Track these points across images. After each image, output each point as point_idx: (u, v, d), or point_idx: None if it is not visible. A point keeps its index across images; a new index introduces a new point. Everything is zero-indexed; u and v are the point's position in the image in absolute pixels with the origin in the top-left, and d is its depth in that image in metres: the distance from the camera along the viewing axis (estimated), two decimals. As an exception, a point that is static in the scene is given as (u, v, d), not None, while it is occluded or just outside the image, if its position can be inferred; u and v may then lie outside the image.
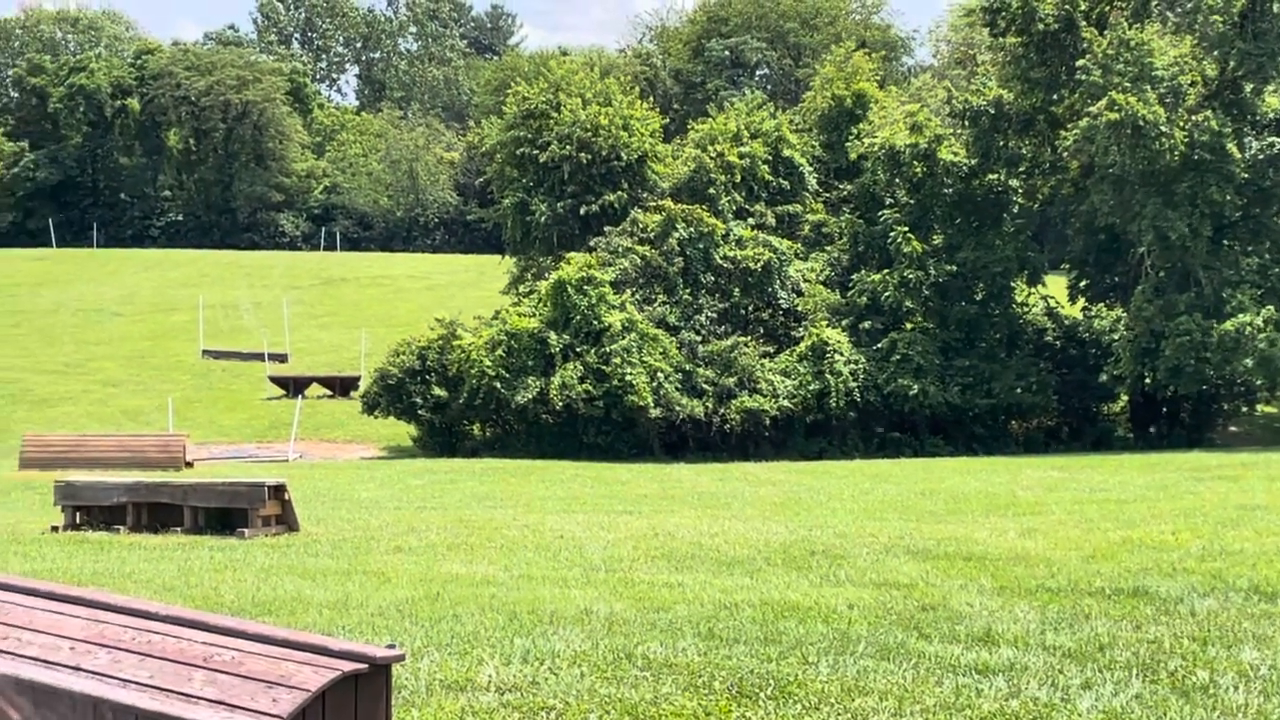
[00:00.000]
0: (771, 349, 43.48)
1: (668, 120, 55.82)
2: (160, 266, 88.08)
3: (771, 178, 46.95)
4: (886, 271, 43.91)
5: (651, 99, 56.77)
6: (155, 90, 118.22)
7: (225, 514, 18.68)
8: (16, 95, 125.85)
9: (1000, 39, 46.14)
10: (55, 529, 18.98)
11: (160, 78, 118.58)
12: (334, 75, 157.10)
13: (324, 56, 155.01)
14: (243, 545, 17.13)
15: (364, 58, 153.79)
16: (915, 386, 41.73)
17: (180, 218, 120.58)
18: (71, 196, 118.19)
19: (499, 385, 40.83)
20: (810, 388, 41.73)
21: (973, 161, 44.36)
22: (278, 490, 18.63)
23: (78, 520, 19.21)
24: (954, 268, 43.68)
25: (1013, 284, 45.15)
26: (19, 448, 35.99)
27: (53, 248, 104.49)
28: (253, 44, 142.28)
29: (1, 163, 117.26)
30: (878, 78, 54.58)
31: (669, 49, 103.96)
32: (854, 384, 41.94)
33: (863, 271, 44.52)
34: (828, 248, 46.68)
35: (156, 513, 19.10)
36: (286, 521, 18.63)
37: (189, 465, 33.82)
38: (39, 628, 6.88)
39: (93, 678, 6.38)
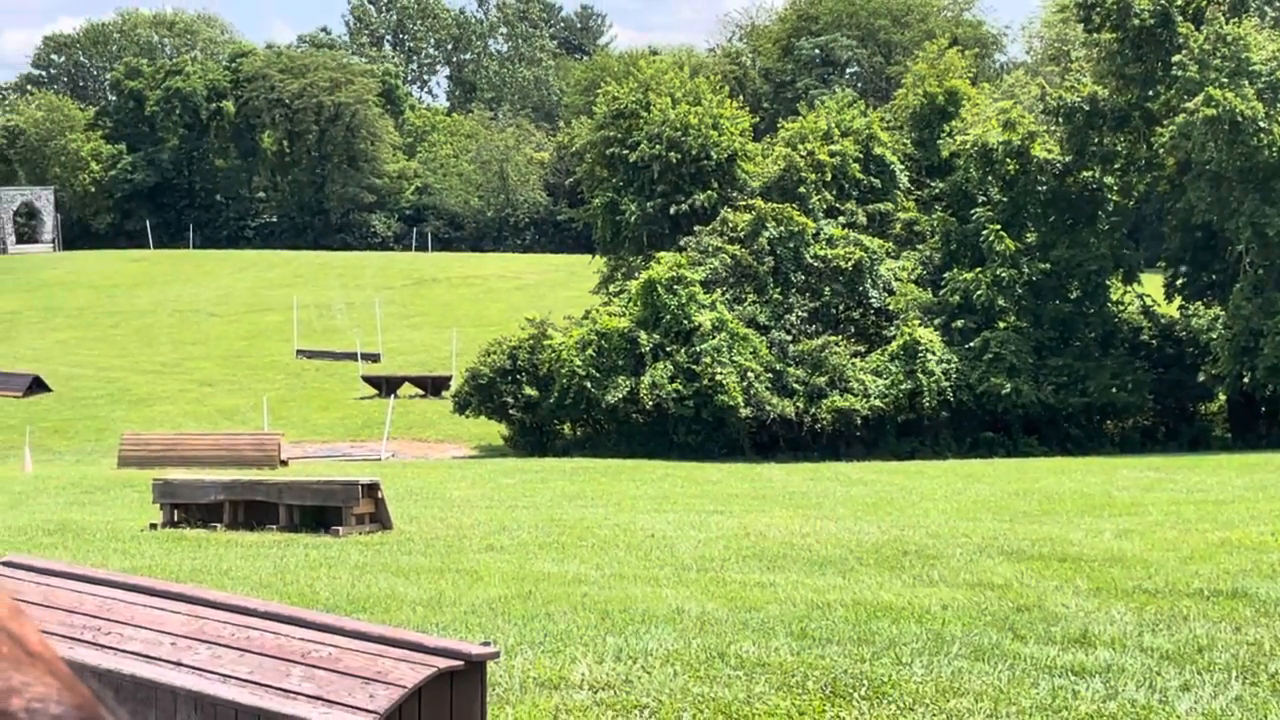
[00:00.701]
0: (863, 348, 43.27)
1: (757, 119, 55.70)
2: (255, 267, 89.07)
3: (862, 176, 46.72)
4: (979, 270, 43.56)
5: (741, 98, 56.64)
6: (250, 93, 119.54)
7: (320, 512, 18.85)
8: (114, 98, 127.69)
9: (1095, 35, 45.63)
10: (154, 526, 19.23)
11: (255, 80, 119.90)
12: (425, 77, 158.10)
13: (415, 58, 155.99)
14: (337, 543, 17.28)
15: (455, 59, 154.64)
16: (1008, 385, 41.37)
17: (274, 219, 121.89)
18: (168, 198, 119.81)
19: (589, 385, 40.91)
20: (902, 387, 41.48)
21: (1067, 158, 43.92)
22: (371, 489, 18.78)
23: (175, 518, 19.46)
24: (1048, 266, 43.26)
25: (1108, 282, 44.64)
26: (118, 446, 36.52)
27: (150, 249, 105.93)
28: (345, 46, 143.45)
29: (100, 165, 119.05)
30: (970, 75, 54.19)
31: (758, 48, 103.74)
32: (946, 383, 41.65)
33: (955, 270, 44.19)
34: (919, 246, 46.38)
35: (252, 510, 19.31)
36: (380, 520, 18.76)
37: (284, 464, 34.11)
38: (140, 623, 6.98)
39: (193, 673, 6.46)
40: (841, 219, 45.89)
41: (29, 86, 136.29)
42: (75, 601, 7.30)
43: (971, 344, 42.50)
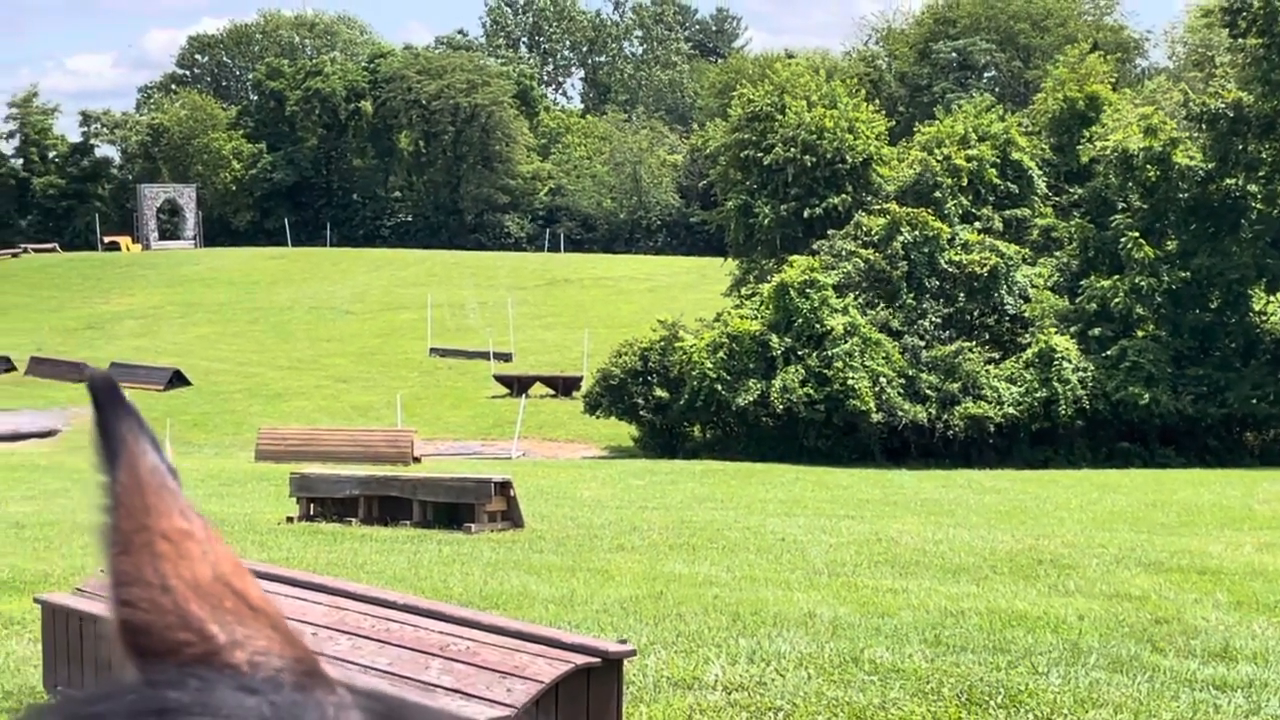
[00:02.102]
0: (997, 355, 42.79)
1: (893, 123, 55.30)
2: (390, 266, 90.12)
3: (999, 181, 46.21)
4: (1117, 277, 42.88)
5: (876, 101, 56.28)
6: (387, 93, 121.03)
7: (452, 509, 19.02)
8: (256, 98, 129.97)
9: (1240, 40, 44.72)
10: (290, 520, 19.53)
11: (392, 81, 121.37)
12: (560, 79, 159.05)
13: (551, 60, 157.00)
14: (469, 540, 17.42)
15: (590, 61, 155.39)
16: (1146, 395, 40.67)
17: (410, 218, 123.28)
18: (306, 197, 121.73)
19: (720, 387, 40.88)
20: (1036, 395, 40.95)
21: (1209, 166, 43.07)
22: (503, 487, 18.91)
23: (311, 512, 19.75)
24: (1188, 274, 42.48)
25: (1250, 291, 43.70)
26: (255, 440, 37.14)
27: (288, 246, 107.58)
28: (482, 48, 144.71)
29: (241, 164, 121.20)
30: (1111, 80, 53.37)
31: (894, 51, 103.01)
32: (1082, 392, 41.05)
33: (1092, 277, 43.53)
34: (1056, 253, 45.76)
35: (386, 506, 19.54)
36: (511, 518, 18.89)
37: (416, 460, 34.46)
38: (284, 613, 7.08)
39: (334, 663, 6.54)
40: (977, 224, 45.42)
41: (173, 86, 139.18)
42: (220, 589, 7.42)
43: (1108, 352, 41.84)
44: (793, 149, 47.47)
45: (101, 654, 7.55)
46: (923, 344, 42.36)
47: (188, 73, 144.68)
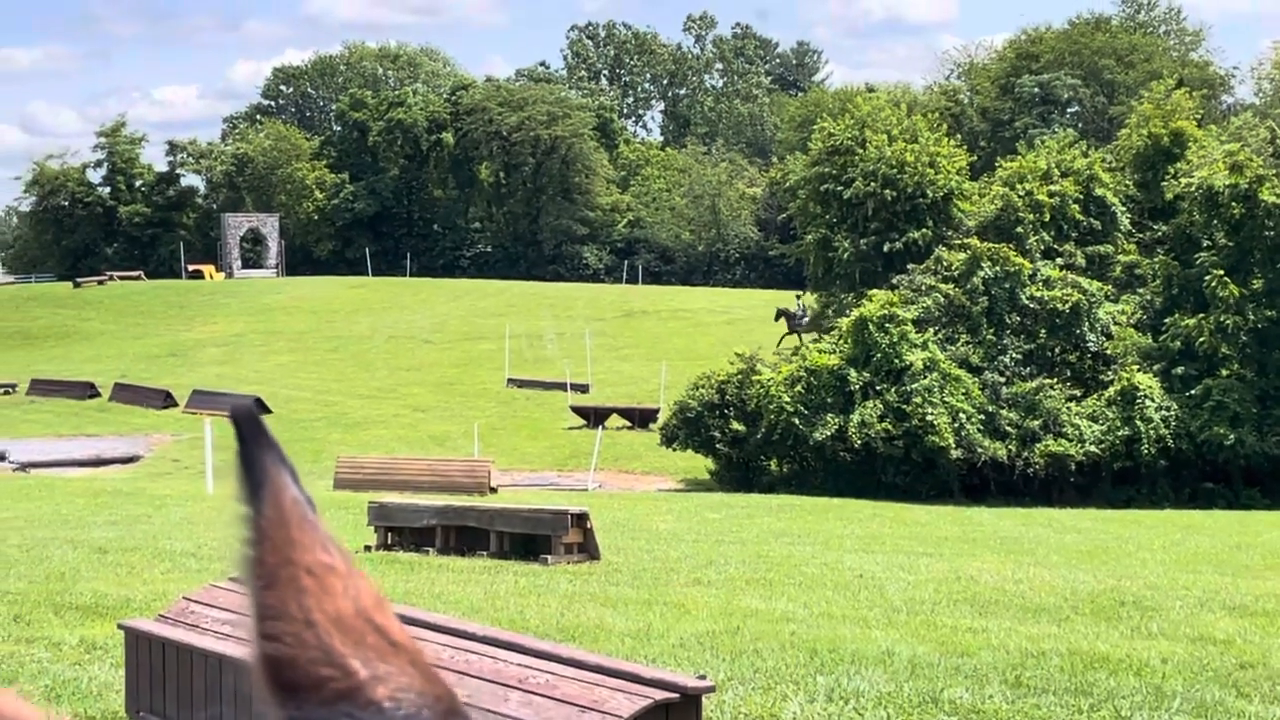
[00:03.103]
0: (1078, 392, 42.35)
1: (974, 158, 55.05)
2: (469, 296, 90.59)
3: (1082, 217, 45.83)
4: (1202, 316, 42.36)
5: (958, 136, 56.06)
6: (469, 125, 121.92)
7: (529, 540, 19.02)
8: (339, 129, 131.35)
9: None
10: (368, 548, 19.61)
11: (474, 113, 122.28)
12: (640, 111, 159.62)
13: (631, 92, 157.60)
14: (546, 571, 17.42)
15: (670, 94, 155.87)
16: (1231, 435, 40.11)
17: (489, 249, 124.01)
18: (387, 227, 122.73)
19: (797, 421, 40.71)
20: (1119, 433, 40.49)
21: (1296, 203, 42.49)
22: (580, 519, 18.90)
23: (389, 541, 19.82)
24: (1274, 313, 41.89)
25: (1338, 331, 43.04)
26: (334, 468, 37.37)
27: (368, 276, 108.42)
28: (563, 80, 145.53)
29: (323, 194, 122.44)
30: (1196, 116, 52.89)
31: (976, 85, 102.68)
32: (1165, 431, 40.54)
33: (1176, 315, 43.03)
34: (1139, 290, 45.28)
35: (463, 536, 19.57)
36: (588, 550, 18.87)
37: (493, 490, 34.53)
38: (362, 642, 7.09)
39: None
40: (1059, 260, 45.04)
41: (258, 116, 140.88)
42: (300, 618, 7.45)
43: (1192, 391, 41.32)
44: (873, 183, 47.34)
45: (182, 681, 7.59)
46: (1003, 380, 42.01)
47: (272, 103, 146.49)
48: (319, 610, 0.99)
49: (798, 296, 69.59)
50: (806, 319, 65.34)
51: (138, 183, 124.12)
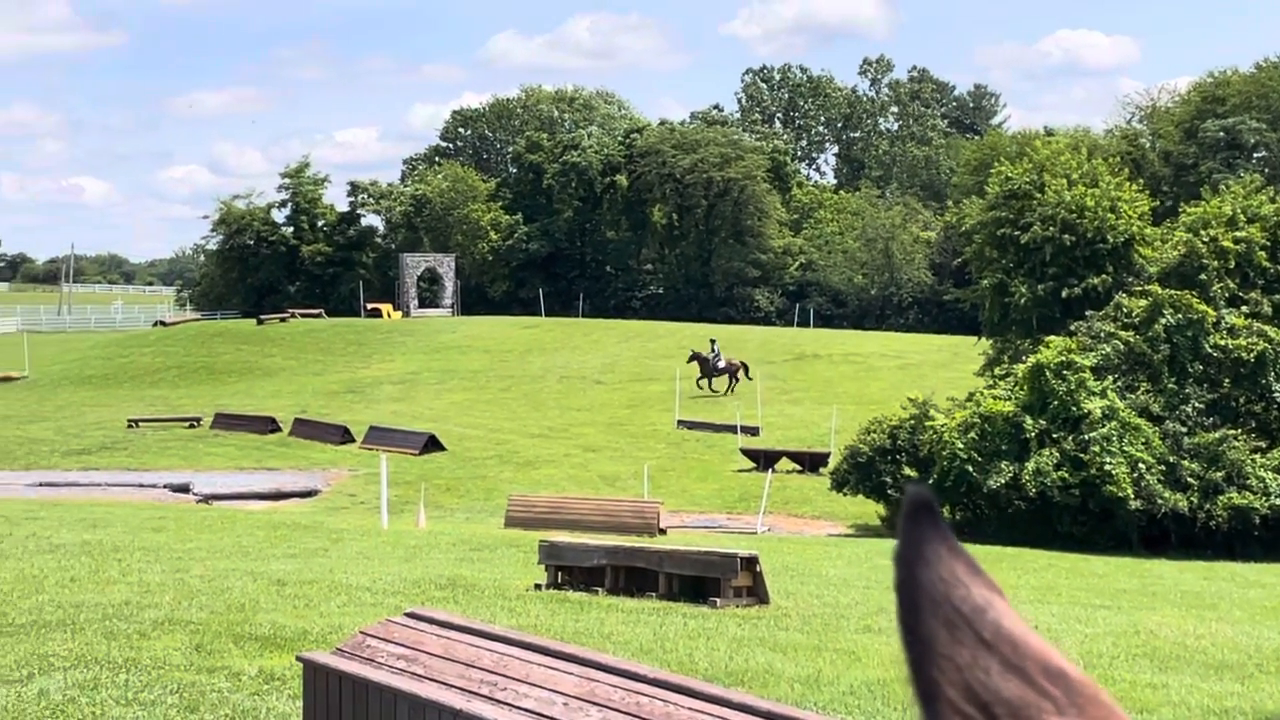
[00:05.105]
0: (1264, 444, 41.16)
1: (1156, 203, 53.99)
2: (640, 337, 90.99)
3: (1269, 264, 44.64)
4: (1395, 366, 41.00)
5: (1139, 181, 55.04)
6: (642, 167, 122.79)
7: (698, 582, 18.96)
8: (515, 170, 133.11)
9: None
10: (538, 586, 19.71)
11: (647, 155, 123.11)
12: (814, 154, 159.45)
13: (805, 135, 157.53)
14: (714, 614, 17.35)
15: (844, 136, 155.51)
16: None
17: (660, 290, 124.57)
18: (560, 268, 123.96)
19: (971, 468, 40.13)
20: (1306, 487, 39.27)
21: None
22: (750, 562, 18.80)
23: (559, 580, 19.90)
24: None
25: None
26: (505, 506, 37.69)
27: (541, 316, 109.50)
28: (736, 123, 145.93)
29: (498, 234, 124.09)
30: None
31: (1159, 130, 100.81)
32: (1355, 485, 39.22)
33: (1367, 366, 41.70)
34: (1330, 339, 43.95)
35: (632, 576, 19.57)
36: (757, 594, 18.76)
37: (662, 532, 34.52)
38: (535, 681, 7.12)
39: (585, 735, 6.54)
40: (1245, 308, 43.91)
41: (436, 158, 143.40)
42: (473, 656, 7.50)
43: (1385, 445, 39.96)
44: (1051, 227, 46.65)
45: (358, 714, 7.68)
46: (1185, 430, 41.00)
47: (450, 145, 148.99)
48: None
49: (712, 341, 69.77)
50: (721, 363, 65.23)
51: (320, 222, 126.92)
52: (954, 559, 0.98)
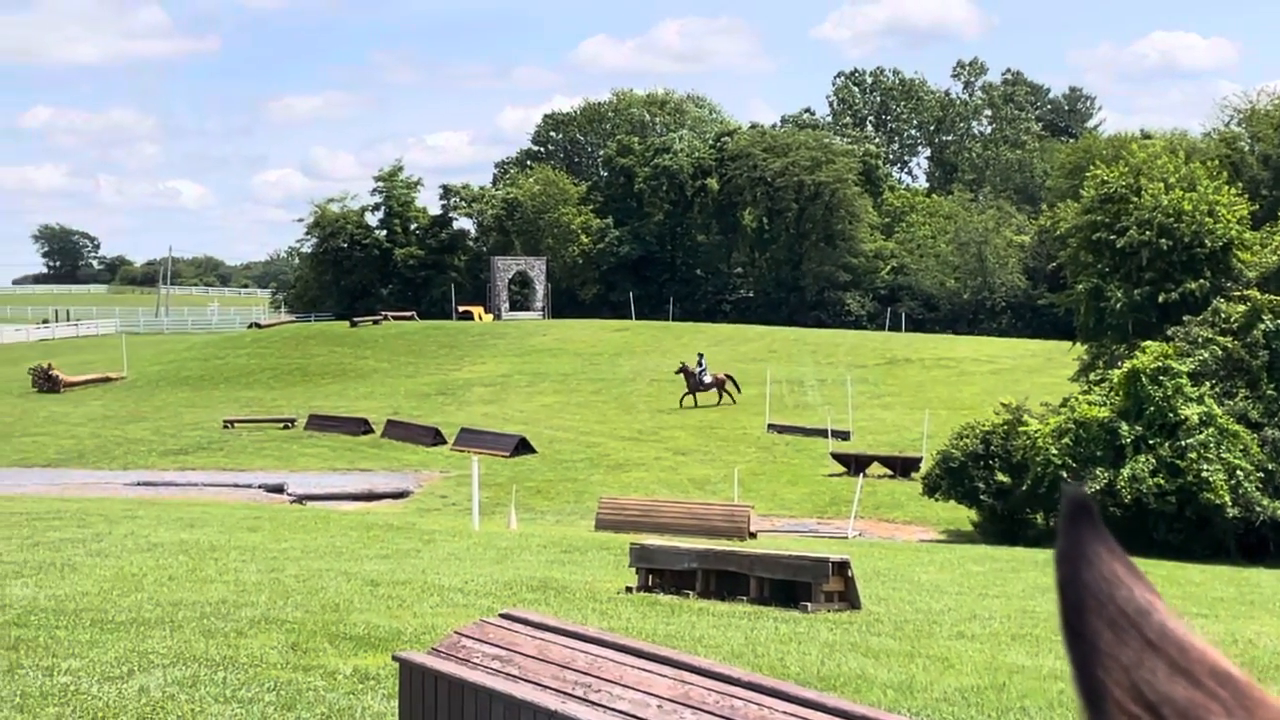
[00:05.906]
0: (1364, 451, 40.46)
1: (1255, 206, 53.22)
2: (731, 341, 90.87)
3: (1371, 268, 43.92)
4: None
5: (1238, 184, 54.28)
6: (733, 171, 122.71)
7: (789, 586, 18.91)
8: (606, 174, 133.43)
9: None
10: (629, 589, 19.73)
11: (738, 159, 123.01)
12: (906, 157, 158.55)
13: (897, 139, 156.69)
14: (805, 619, 17.30)
15: (937, 140, 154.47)
16: None
17: (751, 294, 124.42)
18: (651, 271, 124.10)
19: (1065, 474, 39.74)
20: None
21: None
22: (841, 567, 18.73)
23: (650, 583, 19.90)
24: None
25: None
26: (595, 509, 37.79)
27: (631, 319, 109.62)
28: (827, 126, 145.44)
29: (589, 238, 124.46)
30: None
31: (1258, 132, 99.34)
32: None
33: None
34: None
35: (723, 580, 19.55)
36: (848, 599, 18.69)
37: (752, 536, 34.48)
38: (628, 683, 7.13)
39: (679, 737, 6.55)
40: (1346, 314, 43.19)
41: (528, 161, 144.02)
42: (568, 657, 7.54)
43: None
44: (1148, 232, 46.12)
45: (454, 713, 7.73)
46: (1284, 437, 40.37)
47: (542, 149, 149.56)
48: None
49: (699, 355, 69.26)
50: (708, 378, 64.63)
51: (412, 225, 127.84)
52: (1114, 560, 0.99)
